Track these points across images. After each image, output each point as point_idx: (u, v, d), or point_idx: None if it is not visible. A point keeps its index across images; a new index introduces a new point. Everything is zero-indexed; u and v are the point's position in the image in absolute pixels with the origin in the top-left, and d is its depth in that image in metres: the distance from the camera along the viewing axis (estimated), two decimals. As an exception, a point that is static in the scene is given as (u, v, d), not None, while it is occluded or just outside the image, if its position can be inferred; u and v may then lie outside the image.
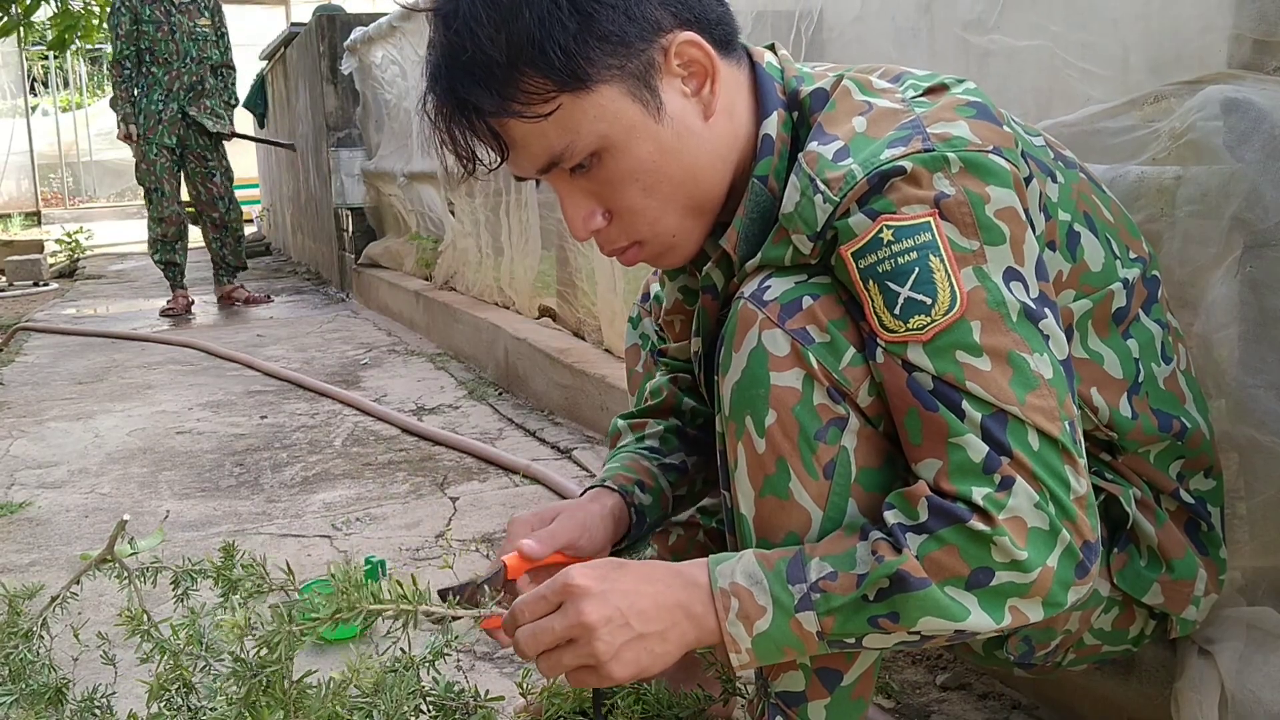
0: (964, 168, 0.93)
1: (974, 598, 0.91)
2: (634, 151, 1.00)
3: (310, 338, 4.93)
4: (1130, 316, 1.07)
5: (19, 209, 13.95)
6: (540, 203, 3.63)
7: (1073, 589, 0.92)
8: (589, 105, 0.98)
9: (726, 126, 1.04)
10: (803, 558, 0.95)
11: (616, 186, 1.03)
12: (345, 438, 3.07)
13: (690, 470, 1.31)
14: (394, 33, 4.93)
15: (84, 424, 3.35)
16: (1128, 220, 1.12)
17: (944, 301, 0.91)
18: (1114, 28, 1.43)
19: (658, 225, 1.05)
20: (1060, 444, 0.92)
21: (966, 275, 0.92)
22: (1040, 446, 0.91)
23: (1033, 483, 0.91)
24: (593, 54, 0.96)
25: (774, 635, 0.94)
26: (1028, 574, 0.90)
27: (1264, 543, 1.16)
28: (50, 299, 6.82)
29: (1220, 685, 1.11)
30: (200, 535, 2.29)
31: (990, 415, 0.91)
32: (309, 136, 6.86)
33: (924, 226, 0.92)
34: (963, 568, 0.90)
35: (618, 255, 1.09)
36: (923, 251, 0.92)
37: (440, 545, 2.17)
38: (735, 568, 0.97)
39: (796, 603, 0.93)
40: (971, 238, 0.92)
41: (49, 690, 1.29)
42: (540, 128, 0.98)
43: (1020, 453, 0.91)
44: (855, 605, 0.93)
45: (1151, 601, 1.09)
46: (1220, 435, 1.14)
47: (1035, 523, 0.90)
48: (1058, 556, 0.91)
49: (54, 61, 17.16)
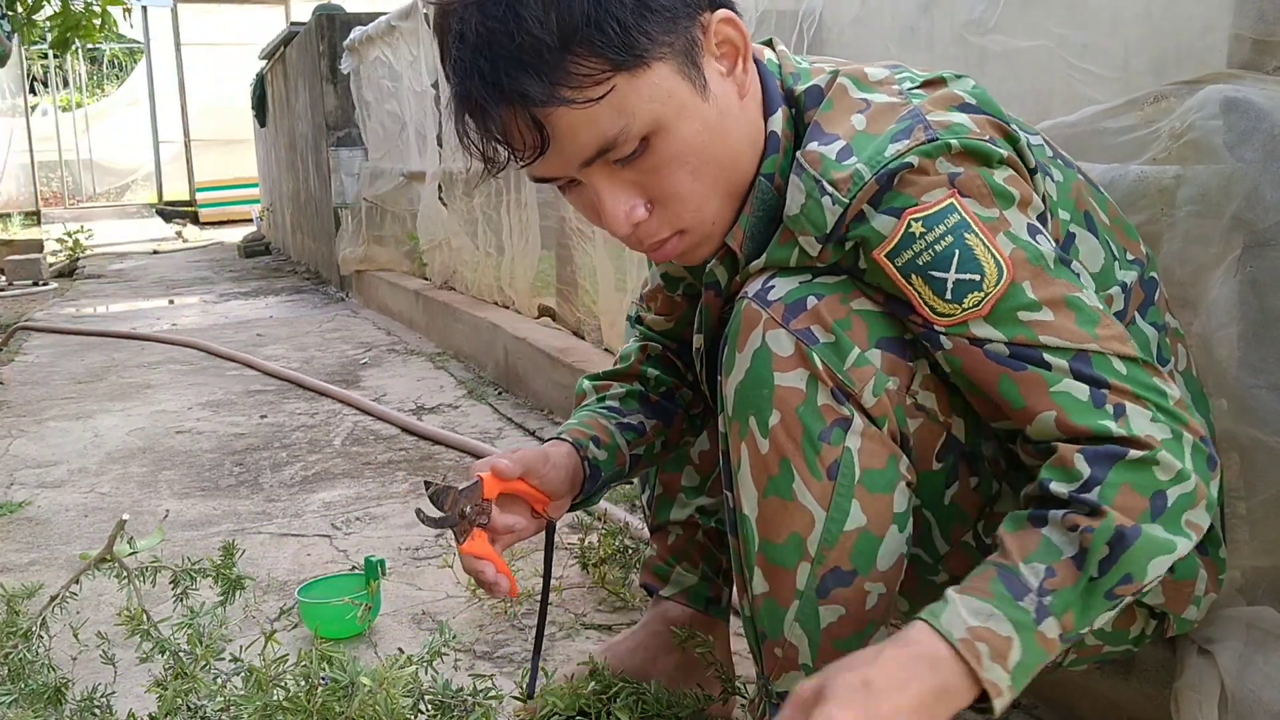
0: (963, 151, 0.94)
1: (1160, 526, 0.90)
2: (683, 133, 0.97)
3: (310, 337, 4.93)
4: (1127, 319, 1.07)
5: (18, 209, 13.94)
6: (541, 201, 3.63)
7: (1213, 483, 0.93)
8: (644, 85, 0.94)
9: (754, 110, 1.04)
10: (1012, 570, 0.90)
11: (664, 172, 0.98)
12: (345, 437, 3.07)
13: (648, 432, 1.31)
14: (392, 32, 4.93)
15: (83, 423, 3.34)
16: (1125, 222, 1.12)
17: (992, 273, 0.93)
18: (1114, 28, 1.43)
19: (702, 211, 1.02)
20: (1140, 360, 0.95)
21: (1001, 241, 0.94)
22: (1127, 369, 0.94)
23: (1139, 402, 0.92)
24: (650, 28, 0.93)
25: (1028, 661, 0.88)
26: (1189, 482, 0.91)
27: (1264, 543, 1.16)
28: (50, 298, 6.82)
29: (1220, 684, 1.11)
30: (200, 535, 2.29)
31: (1073, 357, 0.93)
32: (309, 136, 6.86)
33: (949, 209, 0.94)
34: (1142, 501, 0.90)
35: (655, 249, 1.05)
36: (957, 233, 0.93)
37: (440, 545, 2.17)
38: (959, 612, 0.89)
39: (1035, 615, 0.88)
40: (991, 206, 0.95)
41: (48, 690, 1.30)
42: (591, 113, 0.93)
43: (1115, 380, 0.93)
44: (1087, 589, 0.89)
45: (1152, 602, 1.09)
46: (1221, 435, 1.14)
47: (1163, 435, 0.91)
48: (1191, 457, 0.92)
49: (53, 61, 17.15)
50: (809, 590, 1.01)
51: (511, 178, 3.82)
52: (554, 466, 1.21)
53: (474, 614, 1.83)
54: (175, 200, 14.66)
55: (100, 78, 22.30)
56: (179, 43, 13.43)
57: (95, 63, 21.79)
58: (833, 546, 0.99)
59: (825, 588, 1.00)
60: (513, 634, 1.75)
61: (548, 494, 1.20)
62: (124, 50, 20.69)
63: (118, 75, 22.14)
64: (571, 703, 1.30)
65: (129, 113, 16.97)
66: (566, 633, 1.74)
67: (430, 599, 1.91)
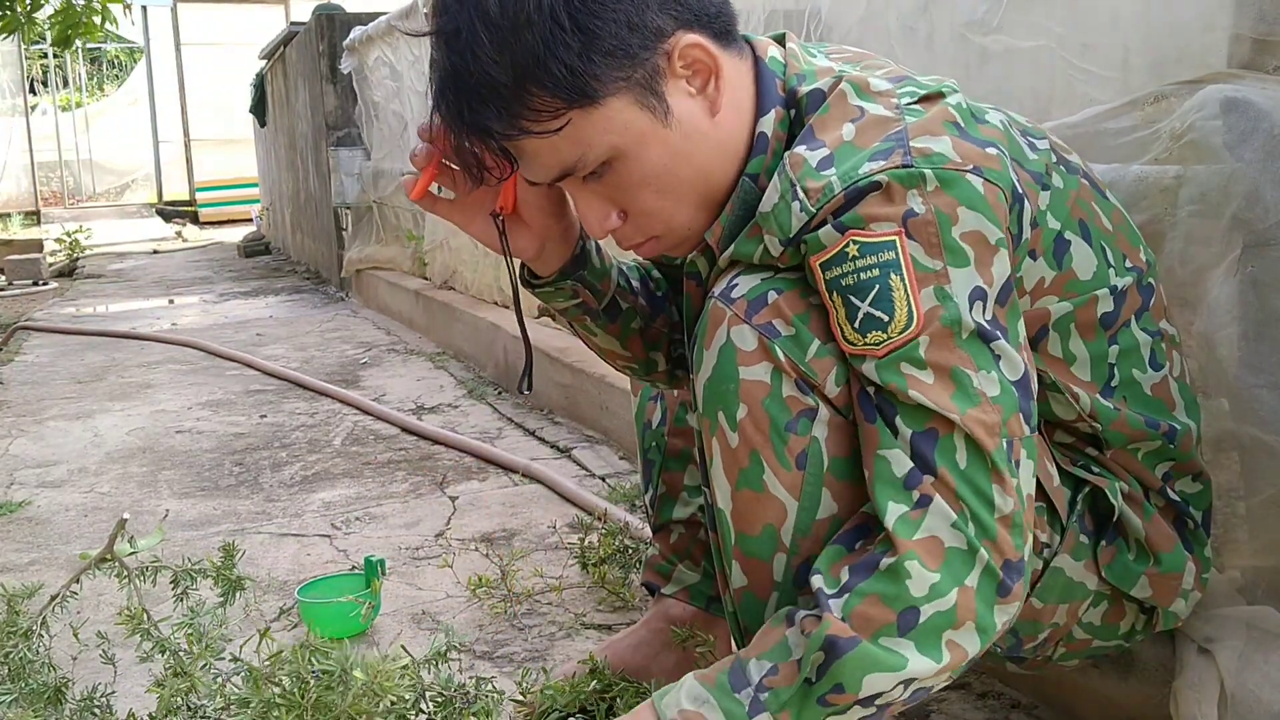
0: (939, 186, 0.94)
1: (910, 643, 0.90)
2: (645, 158, 1.01)
3: (309, 337, 4.93)
4: (1119, 323, 1.07)
5: (18, 208, 13.94)
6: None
7: (998, 608, 0.92)
8: (598, 119, 0.98)
9: (733, 120, 1.05)
10: (741, 664, 0.95)
11: (630, 191, 1.04)
12: (345, 437, 3.07)
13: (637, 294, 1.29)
14: (392, 32, 4.93)
15: (83, 423, 3.34)
16: (1130, 228, 1.12)
17: (900, 320, 0.93)
18: (1114, 27, 1.43)
19: (673, 222, 1.07)
20: (991, 460, 0.92)
21: (926, 295, 0.93)
22: (968, 464, 0.92)
23: (953, 502, 0.91)
24: (598, 70, 0.96)
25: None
26: (945, 600, 0.90)
27: (1264, 542, 1.16)
28: (49, 298, 6.82)
29: (1220, 684, 1.11)
30: (200, 534, 2.29)
31: (921, 432, 0.92)
32: (308, 135, 6.86)
33: (889, 245, 0.93)
34: (889, 614, 0.90)
35: (635, 249, 1.11)
36: (884, 269, 0.93)
37: (440, 544, 2.17)
38: (679, 696, 0.96)
39: (748, 709, 0.92)
40: (936, 258, 0.93)
41: (48, 689, 1.29)
42: (551, 143, 0.99)
43: (945, 469, 0.92)
44: (802, 692, 0.92)
45: (1140, 595, 1.10)
46: (1222, 434, 1.14)
47: (951, 542, 0.91)
48: (977, 576, 0.91)
49: (53, 61, 17.15)
50: (786, 581, 1.02)
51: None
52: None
53: (474, 614, 1.83)
54: (175, 200, 14.66)
55: (100, 78, 22.30)
56: (179, 42, 13.43)
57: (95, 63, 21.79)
58: (807, 535, 1.00)
59: (802, 578, 1.01)
60: (513, 634, 1.75)
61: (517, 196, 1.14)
62: (124, 50, 20.69)
63: (118, 75, 22.14)
64: (572, 699, 1.30)
65: (129, 112, 16.96)
66: (566, 633, 1.74)
67: (430, 599, 1.91)
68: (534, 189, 1.13)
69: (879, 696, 0.91)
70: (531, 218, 1.16)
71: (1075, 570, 1.08)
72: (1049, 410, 1.08)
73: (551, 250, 1.20)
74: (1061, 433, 1.10)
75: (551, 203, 1.16)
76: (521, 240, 1.18)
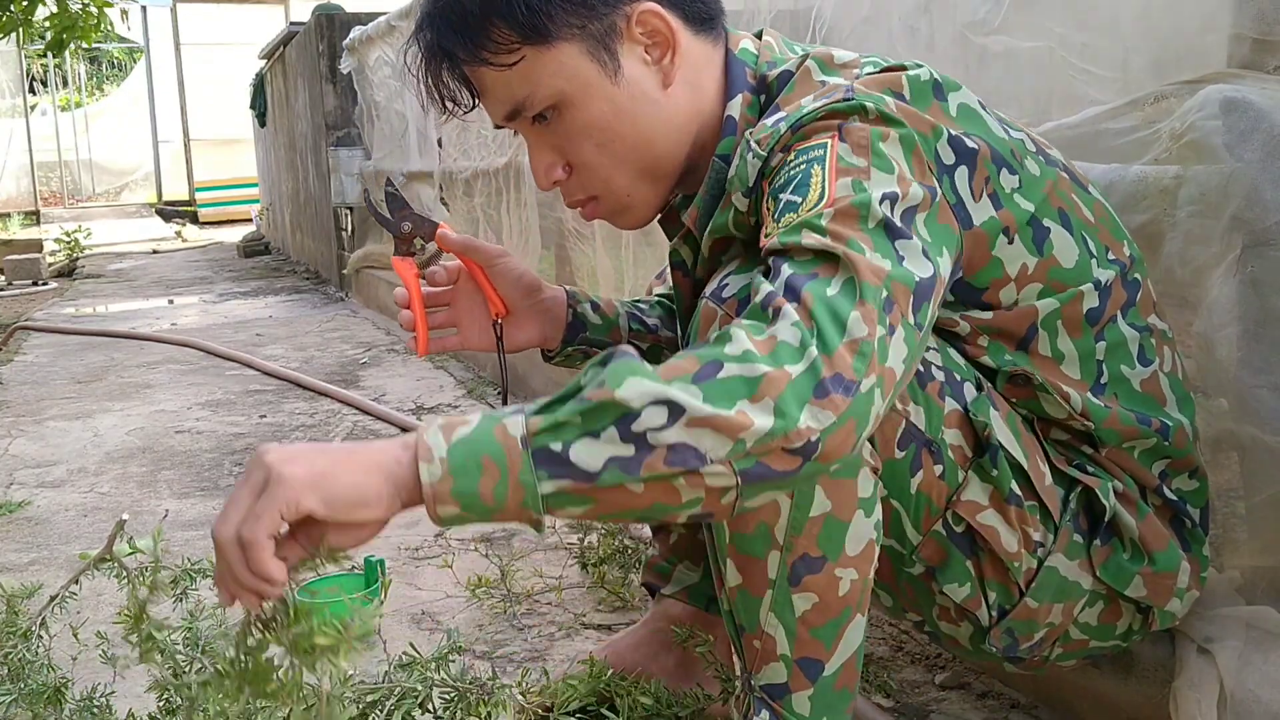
0: (878, 116, 0.97)
1: (697, 389, 0.81)
2: (589, 109, 1.07)
3: (309, 337, 4.93)
4: (1105, 318, 1.08)
5: (18, 208, 13.95)
6: (539, 202, 3.63)
7: (808, 406, 0.81)
8: (549, 60, 1.05)
9: (687, 98, 1.10)
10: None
11: (573, 140, 1.10)
12: (344, 437, 3.07)
13: (658, 331, 1.39)
14: (391, 32, 4.93)
15: (83, 423, 3.34)
16: (1113, 222, 1.12)
17: (812, 199, 0.93)
18: (1114, 27, 1.43)
19: (611, 183, 1.13)
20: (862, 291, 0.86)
21: (842, 184, 0.93)
22: (837, 292, 0.86)
23: (805, 319, 0.84)
24: (554, 12, 1.04)
25: (474, 439, 0.82)
26: (755, 367, 0.81)
27: (1264, 542, 1.16)
28: (49, 298, 6.82)
29: (1219, 684, 1.11)
30: (200, 534, 2.29)
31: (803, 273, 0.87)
32: (308, 135, 6.86)
33: (820, 145, 0.97)
34: (694, 364, 0.82)
35: (578, 207, 1.16)
36: (809, 163, 0.96)
37: (440, 544, 2.17)
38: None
39: (512, 410, 0.84)
40: (861, 157, 0.95)
41: (48, 689, 1.29)
42: (505, 77, 1.07)
43: (809, 293, 0.85)
44: (564, 395, 0.83)
45: (1135, 594, 1.10)
46: (1221, 434, 1.14)
47: (785, 338, 0.83)
48: (797, 369, 0.82)
49: (53, 61, 17.15)
50: (781, 579, 1.02)
51: (511, 177, 3.82)
52: (511, 267, 1.31)
53: (473, 614, 1.83)
54: (174, 200, 14.66)
55: (100, 78, 22.30)
56: (178, 43, 13.44)
57: (95, 63, 21.78)
58: (800, 533, 1.00)
59: (796, 575, 1.01)
60: (512, 634, 1.75)
61: (503, 298, 1.32)
62: (124, 50, 20.69)
63: (117, 75, 22.14)
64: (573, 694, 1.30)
65: (128, 113, 16.96)
66: (566, 633, 1.74)
67: (429, 599, 1.91)
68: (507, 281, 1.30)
69: (636, 415, 0.80)
70: (519, 309, 1.31)
71: (1070, 570, 1.08)
72: (1039, 409, 1.09)
73: (549, 328, 1.33)
74: (1057, 430, 1.10)
75: (527, 287, 1.32)
76: (522, 334, 1.33)
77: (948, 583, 1.09)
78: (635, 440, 0.80)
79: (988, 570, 1.08)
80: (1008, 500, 1.05)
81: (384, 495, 0.84)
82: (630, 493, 0.81)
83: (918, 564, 1.09)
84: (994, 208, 1.03)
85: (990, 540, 1.06)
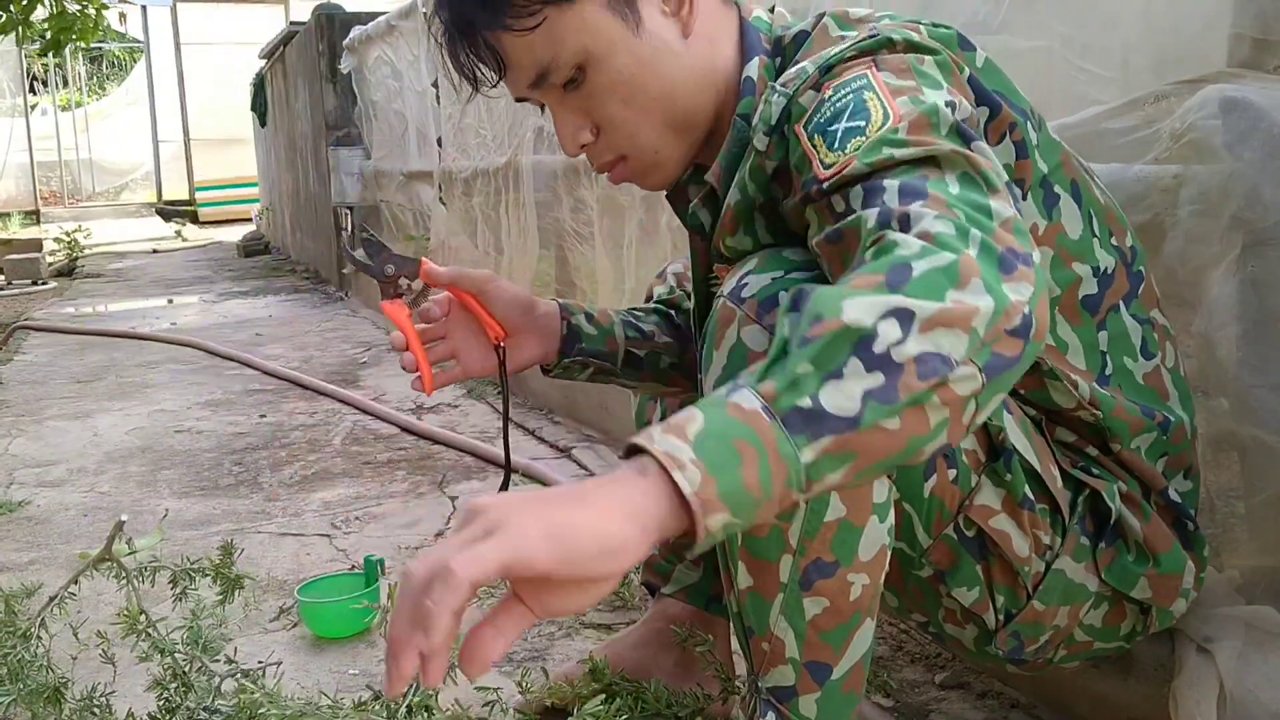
0: (907, 45, 0.98)
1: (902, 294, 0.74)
2: (614, 64, 1.06)
3: (309, 336, 4.93)
4: (1105, 306, 1.08)
5: (18, 208, 13.94)
6: (538, 202, 3.63)
7: (1005, 282, 0.75)
8: (572, 18, 1.04)
9: (705, 50, 1.10)
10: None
11: (600, 99, 1.09)
12: (344, 436, 3.07)
13: (655, 340, 1.38)
14: (391, 32, 4.93)
15: (83, 423, 3.34)
16: (1118, 211, 1.13)
17: (877, 120, 0.91)
18: (1114, 27, 1.43)
19: (638, 138, 1.11)
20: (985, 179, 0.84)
21: (901, 101, 0.92)
22: (961, 187, 0.83)
23: (946, 210, 0.80)
24: None
25: (714, 429, 0.71)
26: (941, 256, 0.75)
27: (1264, 542, 1.16)
28: (49, 297, 6.81)
29: (1219, 684, 1.11)
30: (199, 534, 2.29)
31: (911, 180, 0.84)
32: (308, 135, 6.86)
33: (860, 76, 0.96)
34: (877, 277, 0.75)
35: (606, 170, 1.15)
36: (858, 92, 0.94)
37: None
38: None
39: (726, 393, 0.74)
40: (907, 79, 0.95)
41: (48, 689, 1.29)
42: (528, 41, 1.05)
43: (934, 192, 0.82)
44: (780, 350, 0.75)
45: (1140, 596, 1.10)
46: (1221, 434, 1.14)
47: (939, 229, 0.78)
48: (975, 249, 0.77)
49: (53, 60, 17.14)
50: (792, 582, 1.01)
51: (510, 177, 3.81)
52: (504, 290, 1.30)
53: (473, 614, 1.83)
54: (174, 200, 14.64)
55: (100, 77, 22.29)
56: (178, 42, 13.42)
57: (95, 62, 21.77)
58: (813, 538, 0.99)
59: (808, 579, 1.00)
60: (512, 633, 1.75)
61: (499, 320, 1.30)
62: (124, 50, 20.68)
63: (118, 75, 22.13)
64: (570, 695, 1.30)
65: (128, 112, 16.95)
66: (566, 632, 1.74)
67: (430, 598, 1.90)
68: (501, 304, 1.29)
69: (873, 336, 0.72)
70: (517, 329, 1.31)
71: (1076, 572, 1.08)
72: (1049, 400, 1.08)
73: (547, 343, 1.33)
74: (1063, 430, 1.10)
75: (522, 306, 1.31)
76: (523, 353, 1.32)
77: (956, 586, 1.08)
78: (881, 364, 0.72)
79: (997, 574, 1.07)
80: (1020, 505, 1.05)
81: (631, 538, 0.70)
82: (888, 433, 0.72)
83: (926, 567, 1.09)
84: (1015, 155, 1.03)
85: (1002, 545, 1.05)
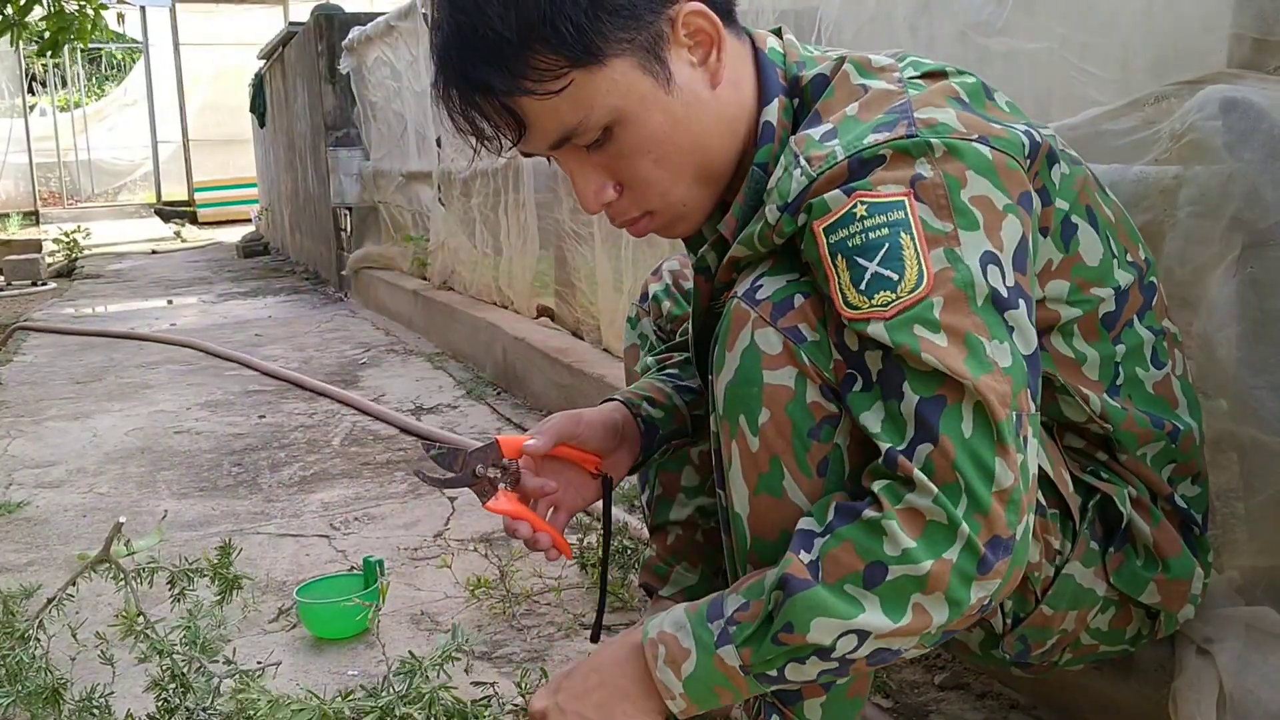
0: (946, 152, 0.93)
1: (874, 597, 0.89)
2: (646, 123, 1.01)
3: (308, 337, 4.93)
4: (1121, 322, 1.07)
5: (17, 208, 13.93)
6: (538, 203, 3.63)
7: (976, 584, 0.88)
8: (601, 80, 0.98)
9: (733, 96, 1.05)
10: (722, 598, 0.97)
11: (628, 159, 1.03)
12: (343, 437, 3.07)
13: (701, 389, 1.33)
14: (390, 32, 4.93)
15: (82, 423, 3.34)
16: (1129, 224, 1.12)
17: (911, 279, 0.90)
18: (1114, 28, 1.43)
19: (669, 195, 1.06)
20: (999, 431, 0.89)
21: (936, 256, 0.91)
22: (973, 433, 0.89)
23: (948, 473, 0.88)
24: (604, 28, 0.96)
25: (701, 676, 0.95)
26: (919, 567, 0.87)
27: (1263, 543, 1.16)
28: (48, 298, 6.81)
29: (1219, 684, 1.11)
30: (198, 535, 2.28)
31: (929, 398, 0.89)
32: (307, 136, 6.86)
33: (898, 204, 0.92)
34: (858, 563, 0.89)
35: (629, 226, 1.10)
36: (894, 228, 0.91)
37: (438, 545, 2.17)
38: (664, 618, 0.99)
39: (716, 639, 0.94)
40: (946, 220, 0.92)
41: (47, 690, 1.29)
42: (552, 104, 0.98)
43: (947, 437, 0.88)
44: (762, 628, 0.92)
45: (1149, 600, 1.09)
46: (1221, 435, 1.14)
47: (932, 517, 0.88)
48: (956, 551, 0.87)
49: (52, 61, 17.13)
50: None
51: (509, 177, 3.81)
52: (589, 424, 1.25)
53: (472, 614, 1.83)
54: (173, 200, 14.64)
55: (99, 78, 22.29)
56: (177, 43, 13.42)
57: (94, 63, 21.77)
58: None
59: None
60: (511, 634, 1.75)
61: (594, 452, 1.26)
62: (123, 50, 20.68)
63: (117, 75, 22.13)
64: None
65: (127, 113, 16.96)
66: (565, 633, 1.74)
67: (428, 599, 1.91)
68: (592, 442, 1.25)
69: (832, 648, 0.90)
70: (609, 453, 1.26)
71: (1085, 577, 1.07)
72: (1059, 413, 1.07)
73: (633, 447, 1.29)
74: (1073, 436, 1.09)
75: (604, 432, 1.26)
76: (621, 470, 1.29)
77: None
78: (838, 661, 0.91)
79: None
80: (1034, 510, 1.05)
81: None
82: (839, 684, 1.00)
83: None
84: (1041, 204, 1.01)
85: None
